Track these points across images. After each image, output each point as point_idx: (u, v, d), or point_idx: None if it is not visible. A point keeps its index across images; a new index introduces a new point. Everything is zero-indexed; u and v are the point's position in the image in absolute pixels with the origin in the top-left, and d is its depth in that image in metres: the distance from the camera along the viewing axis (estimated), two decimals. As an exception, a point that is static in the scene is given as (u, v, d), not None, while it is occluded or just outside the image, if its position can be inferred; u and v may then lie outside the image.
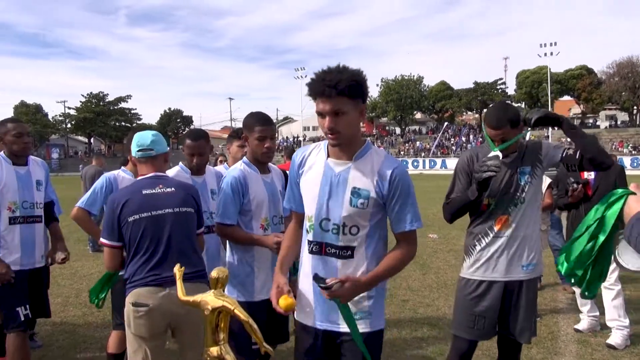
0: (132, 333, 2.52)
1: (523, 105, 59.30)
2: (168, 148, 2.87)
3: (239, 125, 3.97)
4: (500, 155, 2.60)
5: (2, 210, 3.16)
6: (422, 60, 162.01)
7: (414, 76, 63.33)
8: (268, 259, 2.80)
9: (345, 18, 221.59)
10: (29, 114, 60.74)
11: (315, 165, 2.05)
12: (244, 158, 2.95)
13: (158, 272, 2.50)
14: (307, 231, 2.06)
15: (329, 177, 1.99)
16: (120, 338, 3.16)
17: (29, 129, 3.39)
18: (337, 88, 1.81)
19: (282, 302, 1.96)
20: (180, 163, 3.31)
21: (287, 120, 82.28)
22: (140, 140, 2.70)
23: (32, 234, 3.30)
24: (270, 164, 3.02)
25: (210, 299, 2.50)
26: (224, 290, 2.50)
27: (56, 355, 4.11)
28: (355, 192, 1.95)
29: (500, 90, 60.59)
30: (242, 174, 2.81)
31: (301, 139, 60.49)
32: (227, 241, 2.93)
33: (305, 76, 54.42)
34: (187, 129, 75.84)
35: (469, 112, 64.59)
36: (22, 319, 3.13)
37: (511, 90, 60.05)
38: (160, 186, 2.63)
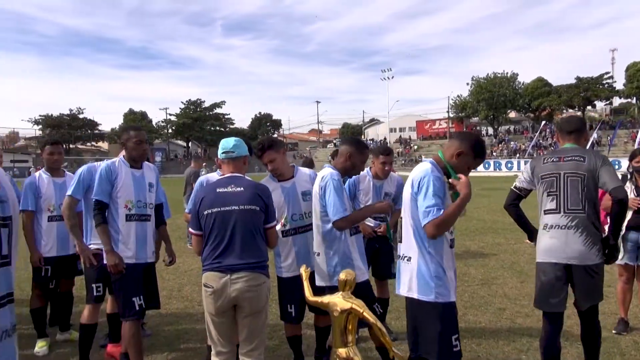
0: (205, 309, 2.91)
1: (634, 101, 53.96)
2: (248, 153, 3.21)
3: (327, 127, 4.13)
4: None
5: (119, 208, 3.49)
6: (517, 56, 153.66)
7: (507, 73, 60.15)
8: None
9: (433, 16, 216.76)
10: (135, 121, 66.08)
11: None
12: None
13: (221, 260, 2.83)
14: None
15: None
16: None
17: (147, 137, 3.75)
18: None
19: None
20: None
21: (373, 122, 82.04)
22: (225, 144, 3.13)
23: (145, 231, 3.60)
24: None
25: (338, 301, 2.57)
26: (351, 292, 2.57)
27: (162, 344, 4.43)
28: None
29: (606, 85, 55.67)
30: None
31: (387, 140, 59.91)
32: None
33: (392, 77, 53.90)
34: (276, 132, 78.34)
35: (570, 110, 59.53)
36: (137, 308, 3.43)
37: (619, 84, 54.89)
38: (232, 186, 2.96)
